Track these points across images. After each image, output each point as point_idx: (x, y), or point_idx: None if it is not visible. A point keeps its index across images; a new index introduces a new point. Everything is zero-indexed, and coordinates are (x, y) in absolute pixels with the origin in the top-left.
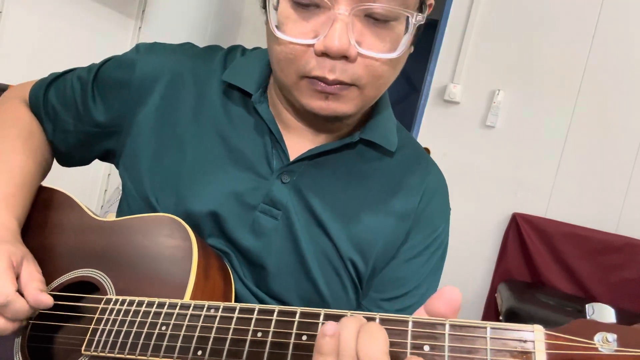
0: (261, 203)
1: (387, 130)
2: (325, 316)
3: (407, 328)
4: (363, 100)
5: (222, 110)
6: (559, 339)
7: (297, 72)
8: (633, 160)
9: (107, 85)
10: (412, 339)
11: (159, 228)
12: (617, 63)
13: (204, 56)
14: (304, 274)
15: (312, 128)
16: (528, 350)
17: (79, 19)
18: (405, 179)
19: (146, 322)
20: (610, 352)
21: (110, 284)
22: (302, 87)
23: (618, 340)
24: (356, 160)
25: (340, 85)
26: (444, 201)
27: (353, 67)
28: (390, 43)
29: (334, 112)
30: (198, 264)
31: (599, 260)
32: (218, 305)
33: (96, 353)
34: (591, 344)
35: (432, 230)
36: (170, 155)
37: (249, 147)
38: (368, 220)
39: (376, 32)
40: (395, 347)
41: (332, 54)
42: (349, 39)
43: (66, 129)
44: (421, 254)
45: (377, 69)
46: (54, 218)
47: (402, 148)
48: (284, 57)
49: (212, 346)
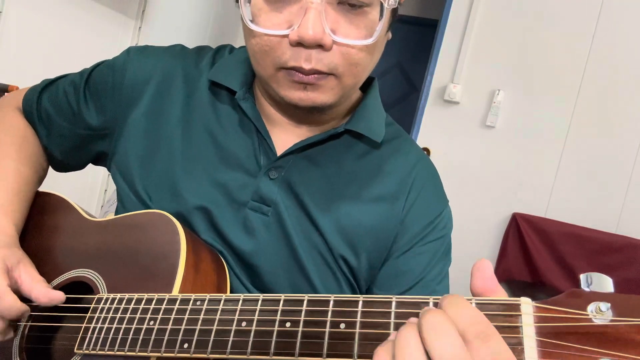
0: (250, 200)
1: (372, 121)
2: (309, 302)
3: (390, 309)
4: (342, 89)
5: (210, 109)
6: (549, 311)
7: (273, 63)
8: (633, 160)
9: (98, 88)
10: (395, 319)
11: (149, 224)
12: (617, 63)
13: (193, 56)
14: (297, 269)
15: (296, 122)
16: (516, 324)
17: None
18: (392, 170)
19: (135, 318)
20: (605, 322)
21: (102, 283)
22: (279, 79)
23: (613, 309)
24: (343, 152)
25: (318, 75)
26: (436, 188)
27: (329, 55)
28: (365, 29)
29: (313, 103)
30: (187, 258)
31: (599, 260)
32: (204, 297)
33: (88, 351)
34: (584, 314)
35: (429, 220)
36: (161, 154)
37: (236, 145)
38: (357, 213)
39: (350, 19)
40: (380, 329)
41: (306, 43)
42: (323, 27)
43: (61, 133)
44: (420, 245)
45: (354, 56)
46: (51, 221)
47: (391, 141)
48: (259, 50)
49: (198, 338)
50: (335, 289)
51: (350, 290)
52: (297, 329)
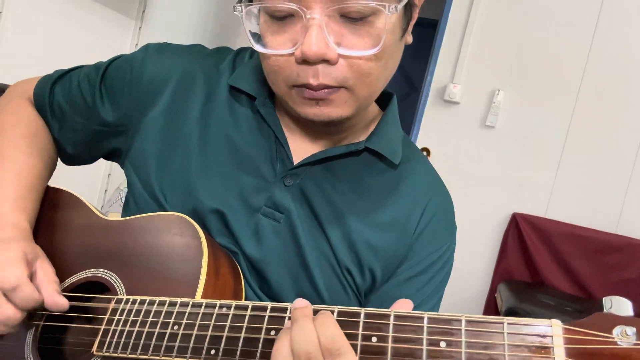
0: (264, 206)
1: (392, 141)
2: (339, 313)
3: (422, 324)
4: (357, 101)
5: (229, 112)
6: (577, 333)
7: (285, 82)
8: (633, 160)
9: (115, 85)
10: (427, 335)
11: (168, 227)
12: (617, 63)
13: (213, 57)
14: (305, 278)
15: (315, 133)
16: (547, 345)
17: (79, 19)
18: (406, 193)
19: (158, 322)
20: (629, 345)
21: (120, 284)
22: (293, 96)
23: (637, 333)
24: (360, 169)
25: (328, 90)
26: (448, 219)
27: (336, 69)
28: (370, 39)
29: (329, 117)
30: (208, 262)
31: (599, 260)
32: (230, 304)
33: (108, 354)
34: (610, 337)
35: (436, 248)
36: (179, 154)
37: (253, 150)
38: (367, 232)
39: (355, 30)
40: (411, 344)
41: (310, 60)
42: (326, 42)
43: (74, 128)
44: (424, 272)
45: (363, 67)
46: (63, 218)
47: (407, 162)
48: (270, 70)
49: (225, 346)
50: (342, 299)
51: (357, 302)
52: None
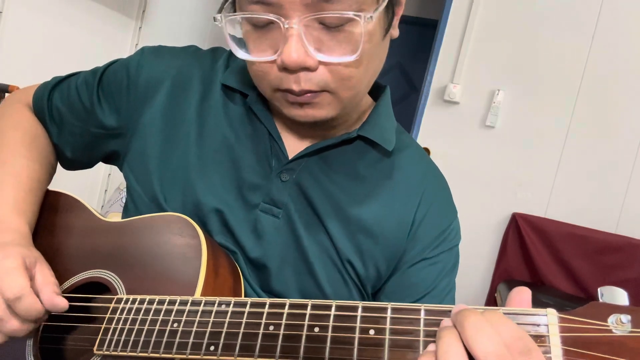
0: (262, 202)
1: (384, 129)
2: (337, 307)
3: (419, 316)
4: (340, 102)
5: (223, 111)
6: (573, 321)
7: (270, 86)
8: (633, 160)
9: (112, 88)
10: (424, 326)
11: (168, 227)
12: (617, 63)
13: (209, 58)
14: (307, 272)
15: (308, 127)
16: (542, 334)
17: (79, 19)
18: (403, 180)
19: (158, 320)
20: (624, 333)
21: (120, 284)
22: (279, 98)
23: (632, 321)
24: (355, 157)
25: (311, 94)
26: (446, 200)
27: (317, 75)
28: (349, 45)
29: (314, 118)
30: (208, 261)
31: (598, 260)
32: (229, 301)
33: (108, 352)
34: (605, 325)
35: (439, 231)
36: (177, 154)
37: (248, 147)
38: (366, 221)
39: (334, 37)
40: (408, 336)
41: (290, 68)
42: (305, 50)
43: (73, 132)
44: (430, 257)
45: (343, 72)
46: (63, 221)
47: (402, 150)
48: (255, 75)
49: (225, 341)
50: (344, 293)
51: (359, 296)
52: (327, 334)
